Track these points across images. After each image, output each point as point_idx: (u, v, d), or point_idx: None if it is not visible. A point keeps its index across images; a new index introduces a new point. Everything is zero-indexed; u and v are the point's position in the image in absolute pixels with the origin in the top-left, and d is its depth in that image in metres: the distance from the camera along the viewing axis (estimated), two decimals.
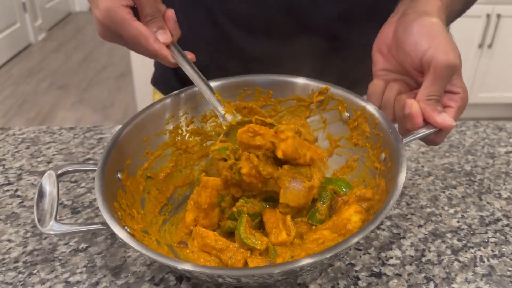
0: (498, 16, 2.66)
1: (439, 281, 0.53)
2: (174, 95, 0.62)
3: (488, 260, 0.56)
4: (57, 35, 4.43)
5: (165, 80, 0.89)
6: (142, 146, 0.58)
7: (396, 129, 0.54)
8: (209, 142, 0.65)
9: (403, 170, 0.48)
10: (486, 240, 0.59)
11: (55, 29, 4.59)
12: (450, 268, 0.55)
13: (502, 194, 0.68)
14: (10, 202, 0.64)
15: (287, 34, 0.71)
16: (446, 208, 0.65)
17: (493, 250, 0.58)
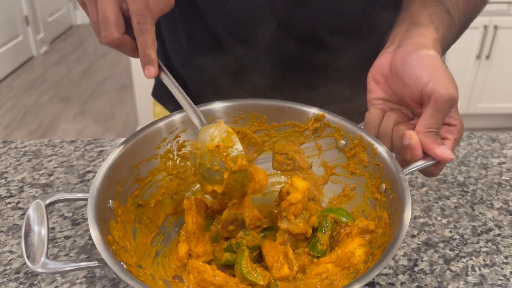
0: (495, 27, 2.69)
1: None
2: (166, 118, 0.60)
3: (479, 269, 0.57)
4: (59, 48, 4.47)
5: (165, 92, 0.90)
6: (133, 172, 0.56)
7: (396, 160, 0.54)
8: None
9: (408, 205, 0.48)
10: (478, 249, 0.60)
11: (57, 41, 4.63)
12: (442, 277, 0.56)
13: (495, 204, 0.70)
14: (12, 214, 0.66)
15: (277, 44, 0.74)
16: (439, 218, 0.66)
17: (484, 260, 0.59)
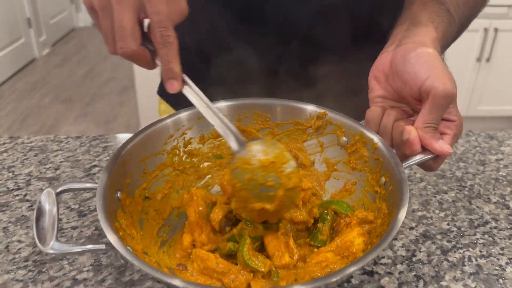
0: (496, 30, 2.71)
1: (429, 279, 0.55)
2: (174, 115, 0.63)
3: (476, 260, 0.59)
4: (61, 50, 4.50)
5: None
6: (141, 166, 0.59)
7: (395, 154, 0.56)
8: (206, 164, 0.66)
9: (406, 195, 0.49)
10: (475, 241, 0.62)
11: (59, 44, 4.66)
12: (439, 267, 0.57)
13: (492, 198, 0.71)
14: (20, 206, 0.67)
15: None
16: (437, 211, 0.68)
17: (481, 251, 0.60)
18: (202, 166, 0.66)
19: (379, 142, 0.58)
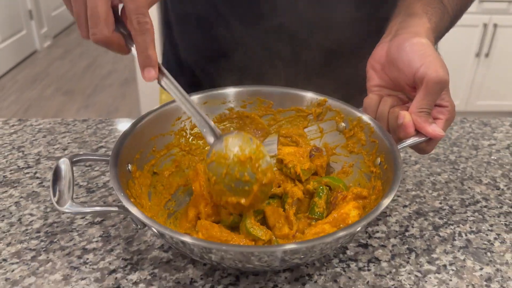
0: (495, 26, 2.73)
1: (420, 251, 0.58)
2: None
3: (466, 235, 0.62)
4: (62, 42, 4.52)
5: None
6: (150, 144, 0.62)
7: (391, 136, 0.59)
8: None
9: (400, 169, 0.53)
10: (465, 218, 0.65)
11: (61, 36, 4.68)
12: (431, 241, 0.60)
13: (483, 180, 0.74)
14: (31, 183, 0.70)
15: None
16: (430, 191, 0.71)
17: (471, 227, 0.63)
18: (207, 148, 0.69)
19: (376, 126, 0.62)
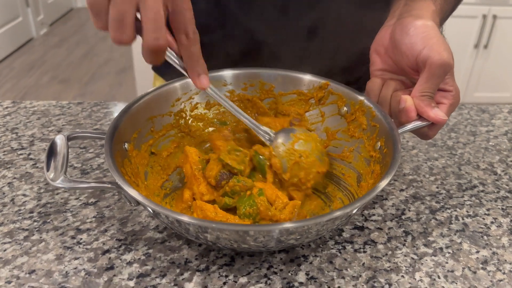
0: (494, 17, 2.72)
1: (417, 234, 0.58)
2: (182, 79, 0.65)
3: (462, 219, 0.61)
4: (59, 30, 4.48)
5: (167, 65, 0.92)
6: (148, 123, 0.62)
7: (392, 121, 0.58)
8: (211, 129, 0.69)
9: (399, 152, 0.53)
10: (462, 203, 0.65)
11: (57, 24, 4.64)
12: (427, 224, 0.60)
13: (480, 165, 0.74)
14: (24, 164, 0.69)
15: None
16: (427, 176, 0.70)
17: (468, 211, 0.63)
18: (207, 131, 0.69)
19: (377, 110, 0.61)
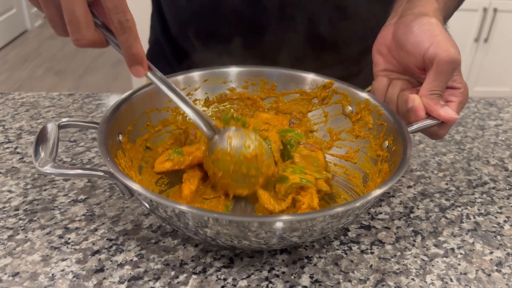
0: (495, 10, 2.68)
1: (427, 234, 0.55)
2: (181, 74, 0.63)
3: (474, 217, 0.58)
4: None
5: (161, 57, 0.89)
6: (144, 117, 0.59)
7: (400, 118, 0.56)
8: None
9: (410, 148, 0.50)
10: (473, 200, 0.61)
11: None
12: (437, 223, 0.57)
13: (490, 161, 0.70)
14: (10, 158, 0.65)
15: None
16: (436, 172, 0.67)
17: (479, 209, 0.60)
18: None
19: (384, 108, 0.58)
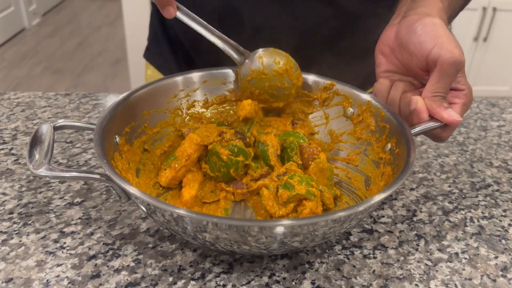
0: (494, 9, 2.67)
1: (430, 238, 0.53)
2: (179, 75, 0.62)
3: (478, 221, 0.57)
4: (52, 20, 4.39)
5: (159, 53, 0.88)
6: (142, 118, 0.58)
7: (403, 120, 0.55)
8: None
9: (414, 151, 0.49)
10: (477, 203, 0.60)
11: (50, 14, 4.54)
12: (441, 227, 0.55)
13: (494, 163, 0.69)
14: (5, 160, 0.64)
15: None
16: (438, 174, 0.66)
17: (483, 212, 0.58)
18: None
19: (386, 110, 0.57)
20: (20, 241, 0.50)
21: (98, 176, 0.46)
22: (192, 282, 0.46)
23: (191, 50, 0.81)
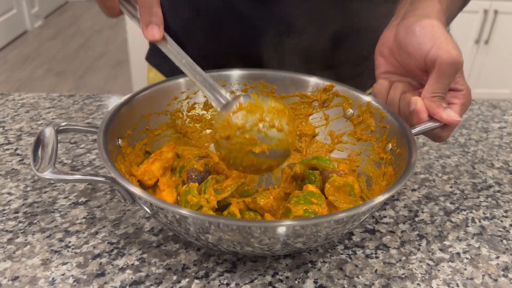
0: (495, 12, 2.68)
1: (432, 238, 0.54)
2: (180, 78, 0.62)
3: (479, 221, 0.57)
4: (54, 23, 4.41)
5: (161, 56, 0.88)
6: (143, 121, 0.58)
7: (403, 120, 0.55)
8: (208, 131, 0.65)
9: (415, 150, 0.49)
10: (478, 204, 0.61)
11: (52, 16, 4.56)
12: (442, 227, 0.56)
13: (495, 164, 0.70)
14: (10, 160, 0.65)
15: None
16: (440, 175, 0.66)
17: (484, 213, 0.59)
18: (204, 133, 0.65)
19: (386, 110, 0.57)
20: (25, 240, 0.51)
21: (102, 178, 0.46)
22: (196, 281, 0.46)
23: (189, 47, 0.82)
